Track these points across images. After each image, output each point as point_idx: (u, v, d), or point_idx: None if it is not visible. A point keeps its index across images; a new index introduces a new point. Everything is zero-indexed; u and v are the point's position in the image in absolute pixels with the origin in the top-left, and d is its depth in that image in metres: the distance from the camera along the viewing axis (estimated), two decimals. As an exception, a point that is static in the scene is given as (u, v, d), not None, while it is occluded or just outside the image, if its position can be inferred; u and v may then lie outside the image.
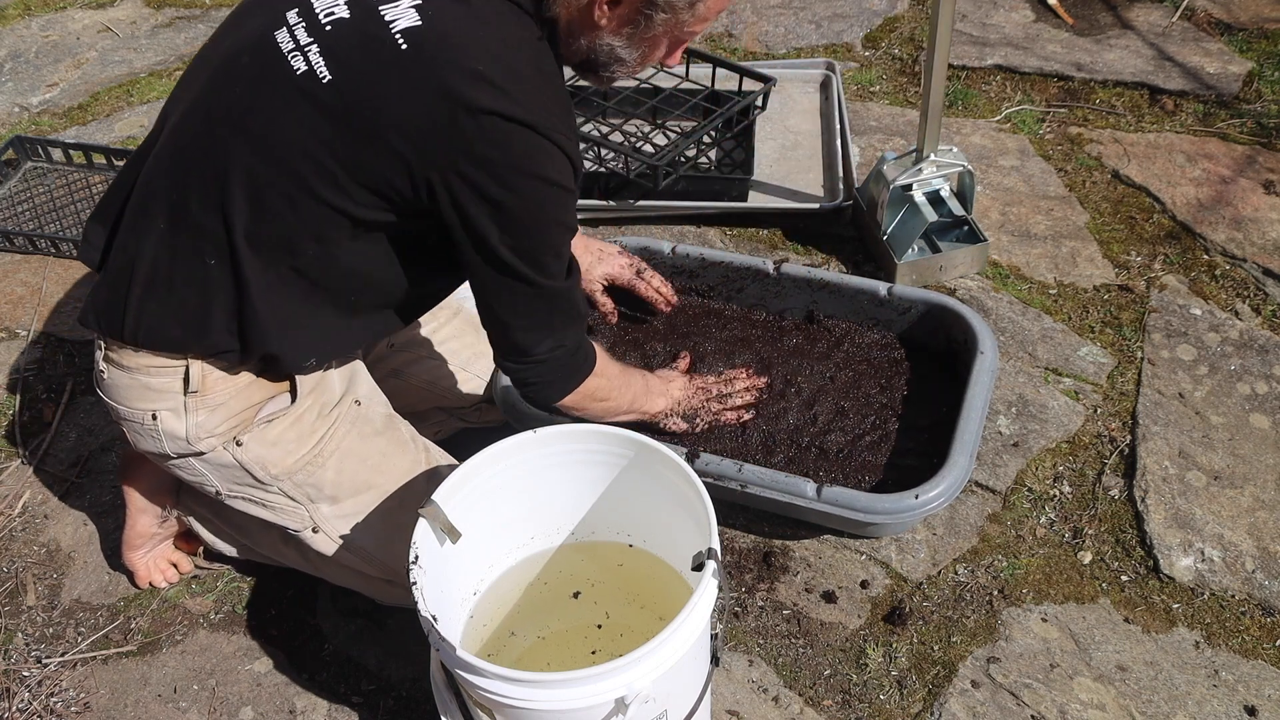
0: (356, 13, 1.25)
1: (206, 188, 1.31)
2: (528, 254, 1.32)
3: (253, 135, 1.28)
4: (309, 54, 1.25)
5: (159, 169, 1.35)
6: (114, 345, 1.41)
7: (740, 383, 1.81)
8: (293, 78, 1.25)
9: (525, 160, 1.26)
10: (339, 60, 1.24)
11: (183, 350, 1.38)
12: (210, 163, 1.30)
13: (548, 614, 1.51)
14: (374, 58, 1.23)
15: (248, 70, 1.29)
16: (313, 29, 1.26)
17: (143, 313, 1.36)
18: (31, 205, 2.54)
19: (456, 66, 1.21)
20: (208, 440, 1.42)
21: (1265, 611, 1.65)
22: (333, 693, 1.63)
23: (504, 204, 1.27)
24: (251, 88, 1.28)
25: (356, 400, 1.54)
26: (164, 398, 1.40)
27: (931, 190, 2.18)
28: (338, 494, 1.51)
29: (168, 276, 1.34)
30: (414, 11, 1.23)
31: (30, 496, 1.95)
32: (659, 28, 1.31)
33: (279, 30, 1.27)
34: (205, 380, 1.39)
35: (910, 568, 1.74)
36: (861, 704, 1.58)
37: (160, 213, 1.34)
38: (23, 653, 1.70)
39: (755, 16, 3.08)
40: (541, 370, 1.45)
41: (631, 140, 2.46)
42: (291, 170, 1.27)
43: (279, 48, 1.26)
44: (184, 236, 1.33)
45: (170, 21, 3.29)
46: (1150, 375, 2.00)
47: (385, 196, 1.29)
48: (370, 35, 1.23)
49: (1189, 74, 2.69)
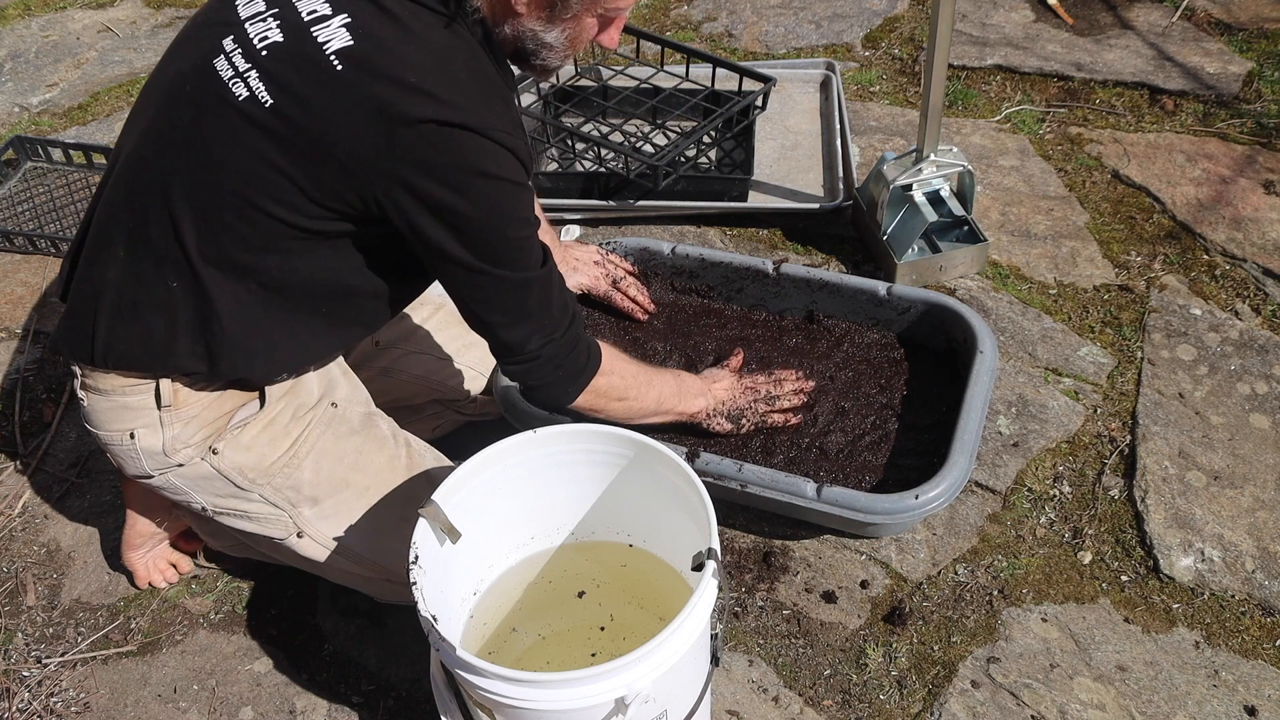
0: (290, 36, 1.27)
1: (162, 214, 1.33)
2: (488, 252, 1.32)
3: (203, 160, 1.30)
4: (249, 79, 1.27)
5: (116, 199, 1.38)
6: (87, 370, 1.42)
7: (789, 384, 1.79)
8: (235, 104, 1.27)
9: (467, 159, 1.26)
10: (278, 84, 1.26)
11: (152, 371, 1.39)
12: (165, 189, 1.32)
13: (551, 613, 1.51)
14: (311, 79, 1.25)
15: (191, 98, 1.31)
16: (249, 55, 1.28)
17: (111, 339, 1.37)
18: (31, 205, 2.54)
19: (391, 81, 1.23)
20: (184, 451, 1.43)
21: (1265, 611, 1.65)
22: (333, 693, 1.63)
23: (453, 206, 1.27)
24: (197, 115, 1.30)
25: (333, 403, 1.54)
26: (139, 415, 1.41)
27: (931, 190, 2.18)
28: (317, 494, 1.51)
29: (132, 303, 1.36)
30: (345, 31, 1.25)
31: (30, 496, 1.95)
32: (578, 6, 1.32)
33: (217, 58, 1.29)
34: (177, 395, 1.41)
35: (910, 568, 1.74)
36: (861, 704, 1.58)
37: (120, 241, 1.36)
38: (23, 653, 1.70)
39: (755, 16, 3.08)
40: (539, 369, 1.44)
41: (631, 140, 2.46)
42: (245, 192, 1.29)
43: (219, 75, 1.29)
44: (145, 263, 1.35)
45: (170, 21, 3.29)
46: (1150, 375, 2.00)
47: (339, 211, 1.31)
48: (306, 57, 1.25)
49: (1189, 74, 2.70)
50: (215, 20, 1.34)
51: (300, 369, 1.49)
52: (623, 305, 1.95)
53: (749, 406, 1.74)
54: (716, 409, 1.72)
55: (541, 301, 1.39)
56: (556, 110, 2.52)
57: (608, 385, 1.52)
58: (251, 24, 1.30)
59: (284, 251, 1.34)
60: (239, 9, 1.32)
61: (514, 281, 1.35)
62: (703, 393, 1.70)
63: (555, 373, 1.46)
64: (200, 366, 1.38)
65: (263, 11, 1.30)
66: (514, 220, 1.33)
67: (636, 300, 1.96)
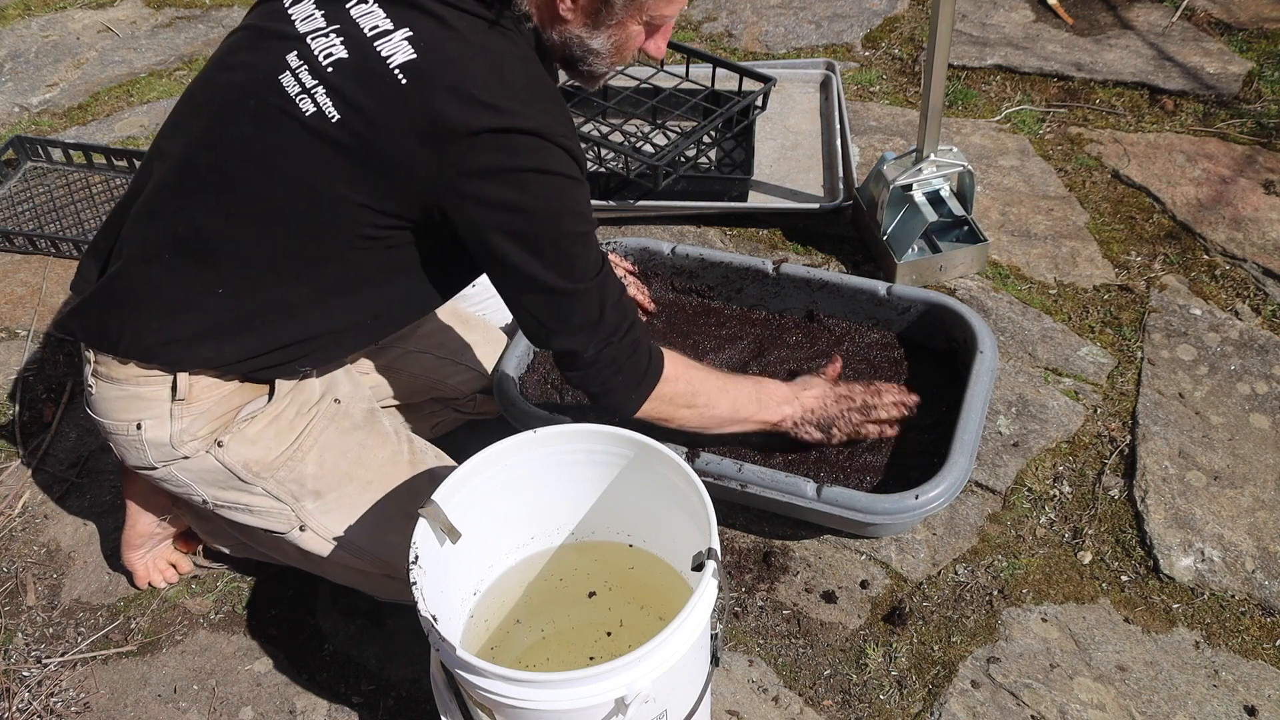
0: (354, 52, 1.30)
1: (216, 221, 1.35)
2: (548, 253, 1.34)
3: (265, 172, 1.33)
4: (316, 96, 1.30)
5: (161, 202, 1.39)
6: (103, 358, 1.42)
7: (889, 395, 1.70)
8: (302, 119, 1.30)
9: (525, 159, 1.29)
10: (345, 100, 1.29)
11: (177, 366, 1.40)
12: (221, 198, 1.35)
13: (558, 609, 1.51)
14: (376, 94, 1.28)
15: (254, 112, 1.33)
16: (315, 71, 1.31)
17: (143, 333, 1.39)
18: (31, 205, 2.54)
19: (452, 92, 1.26)
20: (190, 444, 1.44)
21: (1265, 611, 1.65)
22: (333, 693, 1.63)
23: (513, 204, 1.30)
24: (259, 128, 1.33)
25: (336, 399, 1.56)
26: (150, 406, 1.42)
27: (931, 190, 2.18)
28: (320, 488, 1.51)
29: (172, 302, 1.38)
30: (408, 44, 1.28)
31: (30, 496, 1.95)
32: (621, 12, 1.34)
33: (282, 75, 1.32)
34: (192, 389, 1.42)
35: (910, 568, 1.74)
36: (861, 704, 1.58)
37: (164, 243, 1.38)
38: (23, 653, 1.70)
39: (755, 16, 3.08)
40: (598, 374, 1.44)
41: (631, 140, 2.46)
42: (309, 205, 1.33)
43: (285, 91, 1.31)
44: (192, 266, 1.37)
45: (170, 21, 3.29)
46: (1150, 375, 2.00)
47: (402, 220, 1.34)
48: (371, 72, 1.28)
49: (1189, 74, 2.70)
50: (273, 33, 1.36)
51: (330, 364, 1.53)
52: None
53: (841, 415, 1.67)
54: (805, 417, 1.66)
55: (597, 306, 1.40)
56: (556, 110, 2.52)
57: (674, 392, 1.50)
58: (314, 40, 1.32)
59: (343, 261, 1.37)
60: (296, 23, 1.34)
61: (570, 291, 1.36)
62: (788, 400, 1.65)
63: (615, 378, 1.45)
64: (231, 362, 1.41)
65: (324, 27, 1.33)
66: (572, 214, 1.35)
67: (636, 300, 1.96)
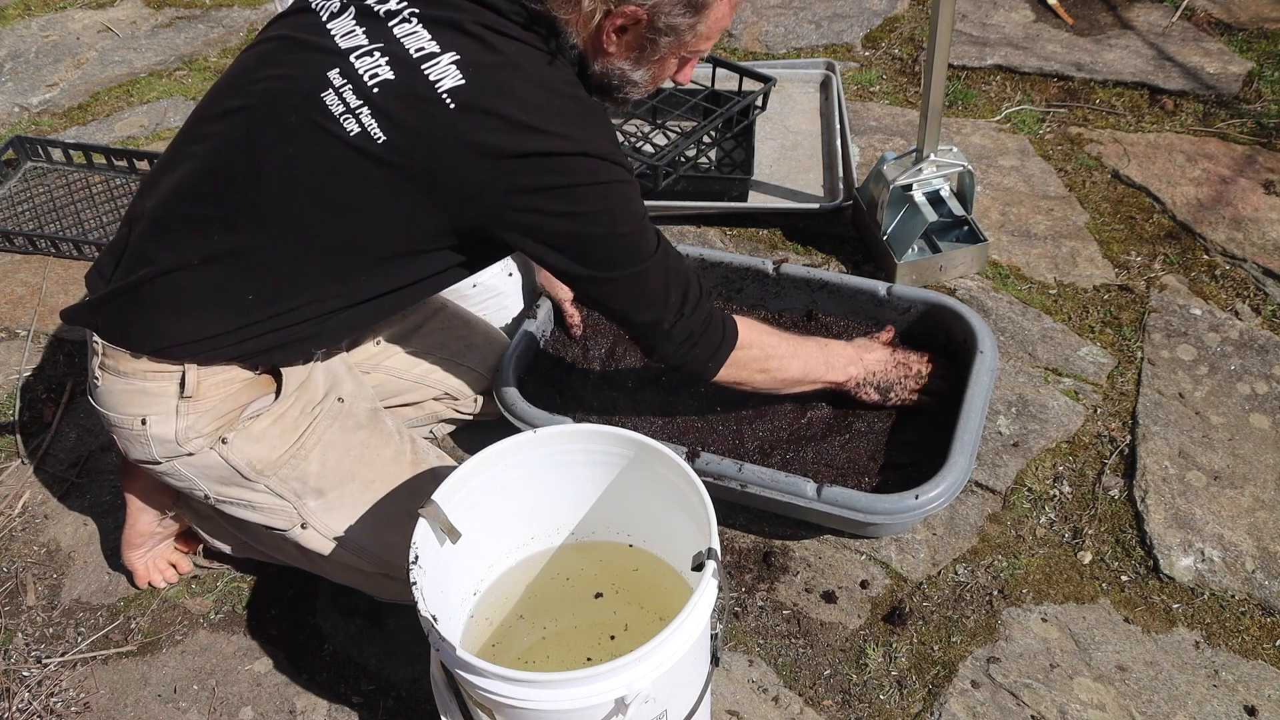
0: (401, 74, 1.30)
1: (251, 230, 1.36)
2: (606, 259, 1.39)
3: (305, 188, 1.33)
4: (360, 116, 1.30)
5: (190, 209, 1.38)
6: (113, 352, 1.42)
7: (938, 368, 1.82)
8: (346, 139, 1.30)
9: (577, 177, 1.32)
10: (392, 121, 1.29)
11: (186, 360, 1.40)
12: (257, 209, 1.35)
13: (561, 609, 1.51)
14: (425, 118, 1.28)
15: (296, 128, 1.33)
16: (360, 91, 1.31)
17: (161, 330, 1.39)
18: (31, 205, 2.54)
19: (502, 118, 1.28)
20: (195, 441, 1.44)
21: (1265, 611, 1.65)
22: (333, 693, 1.63)
23: (570, 214, 1.33)
24: (300, 144, 1.33)
25: (340, 398, 1.56)
26: (157, 401, 1.42)
27: (931, 190, 2.18)
28: (322, 486, 1.51)
29: (197, 303, 1.38)
30: (455, 69, 1.28)
31: (30, 496, 1.95)
32: (665, 49, 1.38)
33: (325, 92, 1.32)
34: (200, 385, 1.41)
35: (910, 568, 1.74)
36: (861, 704, 1.58)
37: (190, 244, 1.37)
38: (23, 653, 1.70)
39: (755, 16, 3.08)
40: (676, 346, 1.50)
41: (631, 140, 2.46)
42: (354, 222, 1.34)
43: (328, 109, 1.31)
44: (222, 275, 1.37)
45: (170, 21, 3.29)
46: (1150, 375, 2.00)
47: (451, 238, 1.37)
48: (419, 96, 1.28)
49: (1189, 74, 2.70)
50: (312, 46, 1.35)
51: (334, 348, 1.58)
52: None
53: (899, 381, 1.78)
54: (867, 378, 1.76)
55: (661, 284, 1.45)
56: (556, 110, 2.52)
57: (748, 357, 1.58)
58: (358, 58, 1.32)
59: (382, 273, 1.40)
60: (337, 39, 1.34)
61: (632, 275, 1.41)
62: (854, 360, 1.75)
63: (693, 349, 1.52)
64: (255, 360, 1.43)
65: (367, 45, 1.32)
66: (626, 217, 1.38)
67: None
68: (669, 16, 1.33)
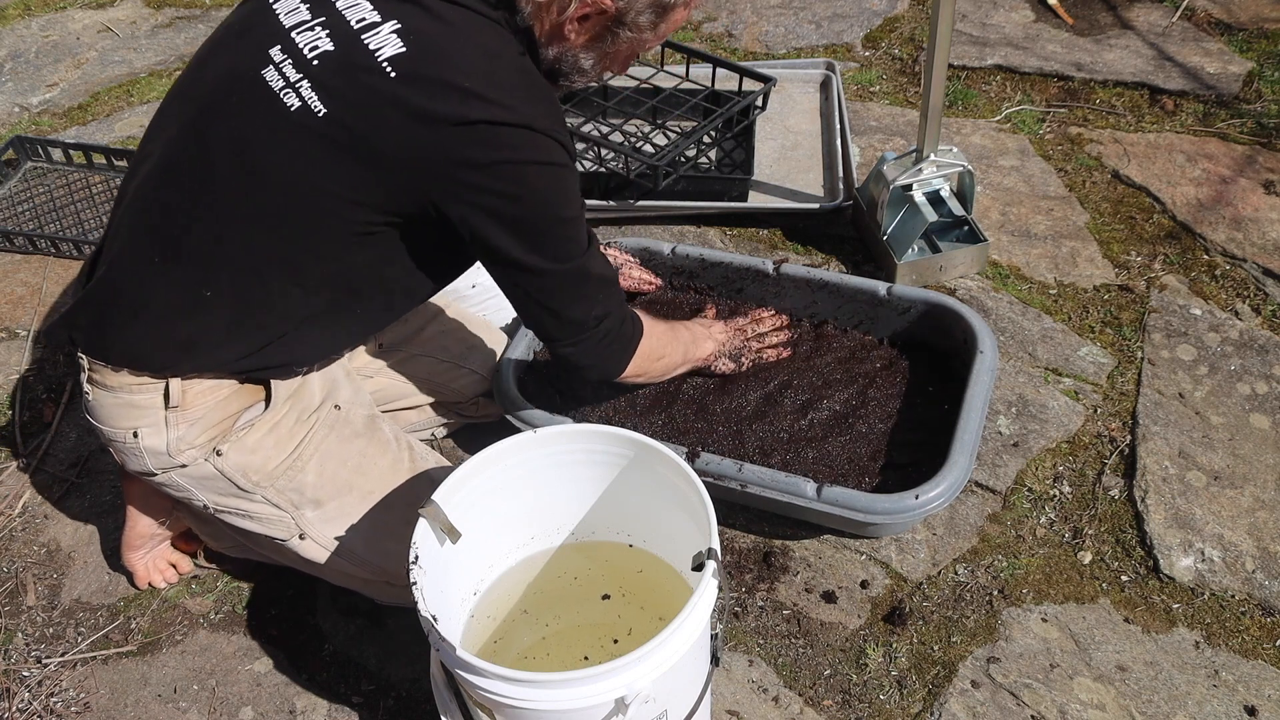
0: (341, 44, 1.27)
1: (203, 221, 1.33)
2: (544, 243, 1.36)
3: (251, 169, 1.30)
4: (300, 90, 1.27)
5: (146, 204, 1.37)
6: (96, 366, 1.42)
7: (768, 321, 1.91)
8: (287, 114, 1.27)
9: (520, 152, 1.28)
10: (331, 93, 1.26)
11: (166, 371, 1.39)
12: (206, 197, 1.32)
13: (565, 608, 1.51)
14: (365, 87, 1.25)
15: (238, 109, 1.31)
16: (300, 65, 1.28)
17: (133, 339, 1.38)
18: (31, 205, 2.54)
19: (444, 85, 1.24)
20: (188, 453, 1.43)
21: (1265, 611, 1.65)
22: (333, 693, 1.63)
23: (509, 196, 1.30)
24: (244, 125, 1.30)
25: (336, 405, 1.55)
26: (145, 414, 1.41)
27: (931, 190, 2.18)
28: (320, 497, 1.51)
29: (163, 306, 1.36)
30: (396, 37, 1.26)
31: (30, 496, 1.95)
32: (623, 44, 1.39)
33: (266, 69, 1.30)
34: (185, 395, 1.41)
35: (910, 568, 1.74)
36: (861, 704, 1.58)
37: (152, 245, 1.36)
38: (23, 653, 1.70)
39: (755, 16, 3.08)
40: (597, 344, 1.49)
41: (631, 140, 2.46)
42: (298, 201, 1.30)
43: (269, 86, 1.29)
44: (180, 268, 1.35)
45: (170, 21, 3.29)
46: (1150, 375, 2.00)
47: (395, 214, 1.33)
48: (359, 65, 1.26)
49: (1189, 74, 2.69)
50: (257, 28, 1.34)
51: (323, 362, 1.53)
52: (627, 285, 2.00)
53: (743, 345, 1.85)
54: (720, 351, 1.82)
55: (596, 280, 1.44)
56: (556, 110, 2.52)
57: (649, 347, 1.59)
58: (299, 33, 1.30)
59: (334, 259, 1.36)
60: (281, 17, 1.32)
61: (572, 268, 1.40)
62: (709, 336, 1.80)
63: (612, 345, 1.52)
64: (226, 365, 1.40)
65: (309, 21, 1.30)
66: (564, 200, 1.36)
67: (641, 278, 2.01)
68: (637, 15, 1.35)
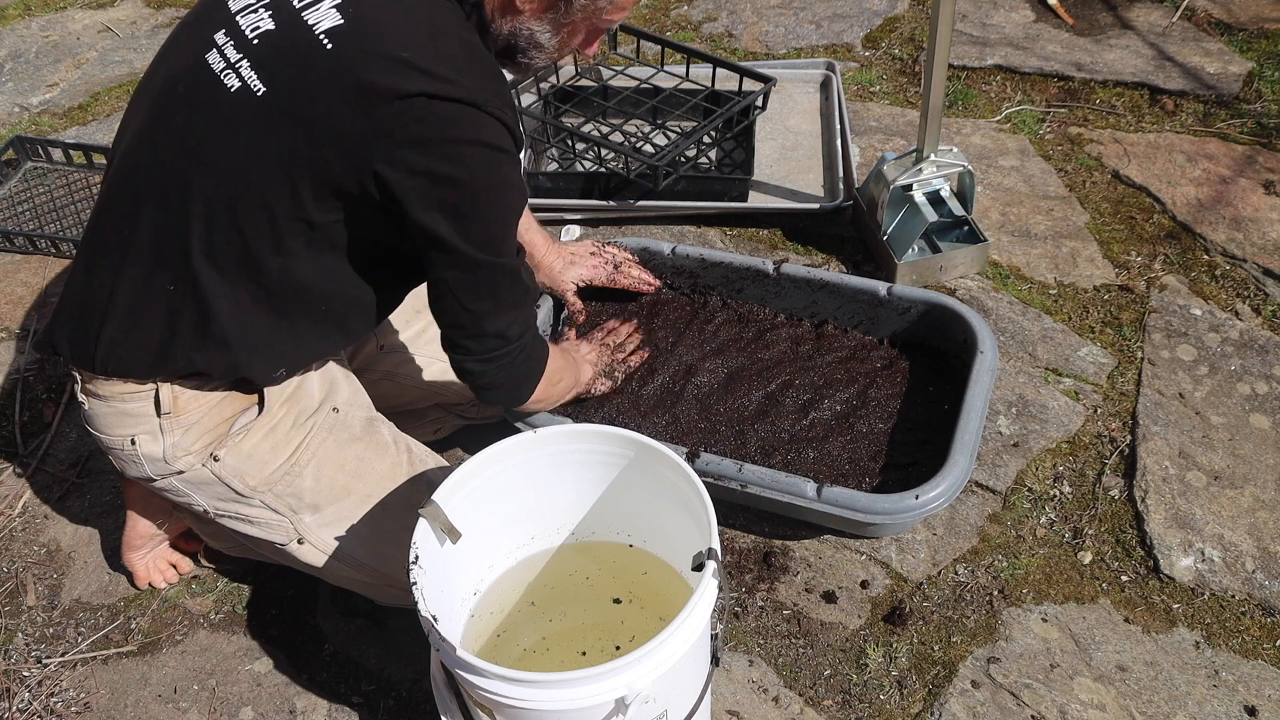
0: (281, 22, 1.27)
1: (159, 217, 1.32)
2: (480, 230, 1.32)
3: (201, 159, 1.29)
4: (240, 70, 1.26)
5: (111, 204, 1.37)
6: (87, 376, 1.42)
7: (624, 330, 1.93)
8: (228, 96, 1.26)
9: (461, 130, 1.25)
10: (269, 71, 1.25)
11: (151, 376, 1.39)
12: (163, 193, 1.31)
13: (572, 605, 1.51)
14: (301, 62, 1.24)
15: (185, 98, 1.30)
16: (241, 45, 1.27)
17: (112, 346, 1.37)
18: (31, 205, 2.54)
19: (381, 57, 1.22)
20: (185, 459, 1.43)
21: (1265, 611, 1.65)
22: (333, 693, 1.63)
23: (447, 177, 1.26)
24: (191, 113, 1.29)
25: (334, 408, 1.54)
26: (140, 421, 1.41)
27: (931, 190, 2.18)
28: (318, 502, 1.50)
29: (131, 308, 1.35)
30: (335, 11, 1.25)
31: (30, 496, 1.95)
32: (577, 14, 1.35)
33: (209, 53, 1.29)
34: (176, 401, 1.40)
35: (910, 568, 1.74)
36: (861, 704, 1.58)
37: (117, 246, 1.35)
38: (23, 653, 1.70)
39: (755, 16, 3.08)
40: (512, 362, 1.45)
41: (631, 140, 2.46)
42: (244, 187, 1.28)
43: (211, 69, 1.28)
44: (143, 268, 1.34)
45: (170, 21, 3.29)
46: (1150, 375, 2.00)
47: (339, 198, 1.29)
48: (296, 40, 1.25)
49: (1189, 74, 2.69)
50: (206, 18, 1.33)
51: (302, 366, 1.49)
52: (627, 284, 1.99)
53: (612, 360, 1.84)
54: (597, 373, 1.81)
55: (523, 287, 1.41)
56: (557, 110, 2.52)
57: (552, 369, 1.56)
58: (243, 16, 1.29)
59: (286, 252, 1.33)
60: (230, 4, 1.31)
61: (501, 267, 1.36)
62: (586, 360, 1.79)
63: (526, 363, 1.48)
64: (200, 368, 1.38)
65: (254, 3, 1.29)
66: (504, 187, 1.32)
67: (640, 277, 2.00)
68: None
